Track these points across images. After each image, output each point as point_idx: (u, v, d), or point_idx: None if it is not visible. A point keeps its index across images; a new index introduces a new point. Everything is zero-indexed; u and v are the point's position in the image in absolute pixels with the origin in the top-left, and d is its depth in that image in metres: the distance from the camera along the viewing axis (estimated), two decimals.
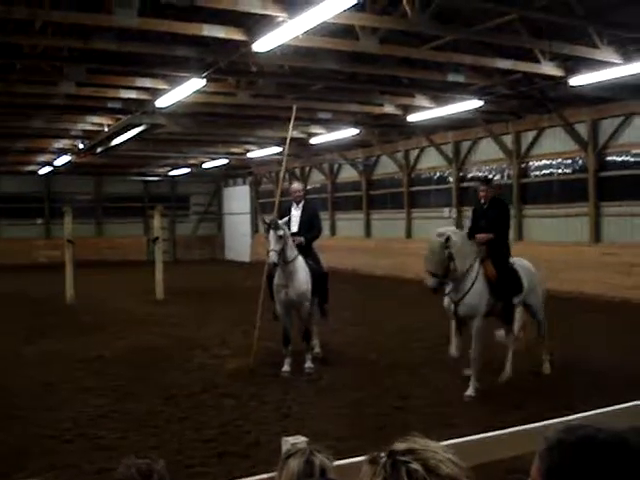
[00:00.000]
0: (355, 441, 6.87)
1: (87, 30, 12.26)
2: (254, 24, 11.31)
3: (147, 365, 11.01)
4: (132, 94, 16.72)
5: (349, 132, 22.36)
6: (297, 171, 33.99)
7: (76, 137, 24.45)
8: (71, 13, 11.00)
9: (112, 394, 9.31)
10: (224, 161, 32.35)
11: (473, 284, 8.86)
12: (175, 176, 38.14)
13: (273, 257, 9.90)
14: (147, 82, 15.56)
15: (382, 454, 1.63)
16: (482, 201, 9.64)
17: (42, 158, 30.57)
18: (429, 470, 1.55)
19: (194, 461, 6.63)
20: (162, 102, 16.26)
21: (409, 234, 26.21)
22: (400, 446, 1.62)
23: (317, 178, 32.89)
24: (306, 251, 10.69)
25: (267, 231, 10.19)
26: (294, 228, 10.75)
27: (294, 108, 11.38)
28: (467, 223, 10.80)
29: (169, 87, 15.23)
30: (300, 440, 2.79)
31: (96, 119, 21.00)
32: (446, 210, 24.34)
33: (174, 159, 32.95)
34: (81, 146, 25.46)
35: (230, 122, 22.21)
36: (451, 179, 24.31)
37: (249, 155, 29.59)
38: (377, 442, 5.66)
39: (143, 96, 16.72)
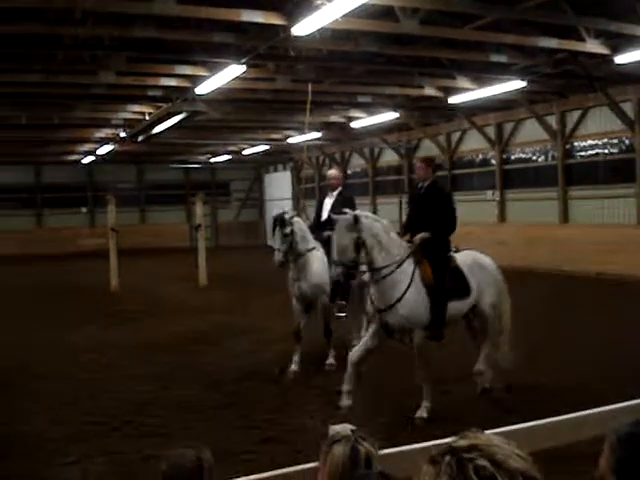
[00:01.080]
0: (402, 429, 6.81)
1: (127, 18, 12.31)
2: (293, 8, 11.22)
3: (191, 352, 11.07)
4: (172, 82, 16.78)
5: (389, 115, 22.16)
6: (337, 156, 33.87)
7: (118, 126, 24.66)
8: (110, 1, 11.05)
9: (157, 381, 9.37)
10: (264, 147, 32.37)
11: (407, 290, 7.42)
12: (215, 163, 38.28)
13: (277, 257, 9.33)
14: (187, 69, 15.59)
15: (442, 452, 1.55)
16: (419, 185, 8.21)
17: (85, 147, 30.92)
18: (497, 465, 1.46)
19: (239, 447, 6.61)
20: (202, 89, 16.28)
21: None
22: (462, 443, 1.53)
23: (357, 162, 32.74)
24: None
25: (273, 228, 9.52)
26: (324, 216, 10.05)
27: (309, 88, 11.11)
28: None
29: (209, 74, 15.23)
30: (346, 427, 2.73)
31: (137, 108, 21.15)
32: (489, 193, 24.07)
33: (214, 146, 33.08)
34: (123, 135, 25.64)
35: (270, 108, 22.18)
36: (494, 161, 23.99)
37: (289, 141, 29.55)
38: (424, 430, 5.62)
39: (183, 83, 16.78)
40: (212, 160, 37.29)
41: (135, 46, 13.78)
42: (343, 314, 9.72)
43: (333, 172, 10.82)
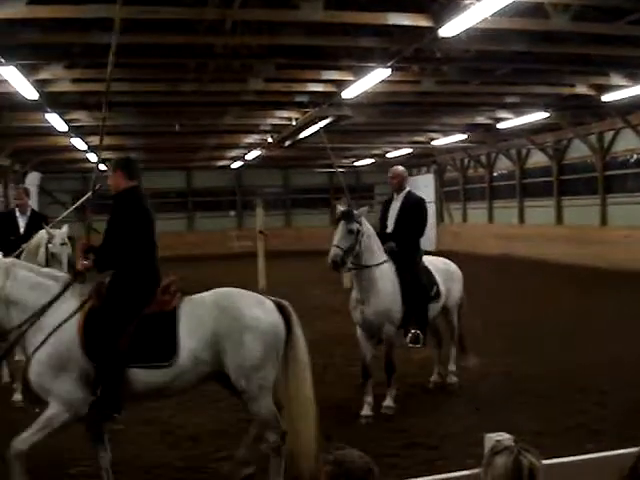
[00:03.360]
0: (553, 438, 6.59)
1: (275, 26, 12.61)
2: (440, 9, 11.13)
3: (337, 353, 11.15)
4: (319, 87, 17.02)
5: (538, 115, 21.54)
6: (483, 158, 33.27)
7: (265, 132, 25.30)
8: (259, 10, 11.36)
9: None
10: (408, 150, 32.26)
11: (40, 346, 5.37)
12: (360, 166, 38.50)
13: (333, 255, 7.72)
14: (333, 74, 15.79)
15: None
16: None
17: (234, 153, 31.92)
18: None
19: (384, 451, 6.58)
20: (348, 93, 16.44)
21: (604, 221, 24.89)
22: None
23: (504, 164, 32.01)
24: (405, 261, 8.24)
25: (336, 222, 8.02)
26: (390, 225, 8.69)
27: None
28: None
29: (355, 78, 15.35)
30: (504, 437, 2.65)
31: (284, 113, 21.60)
32: None
33: (358, 150, 33.27)
34: (270, 140, 26.30)
35: (414, 110, 22.07)
36: None
37: (433, 143, 29.32)
38: (577, 440, 5.40)
39: (329, 88, 16.98)
40: (356, 164, 37.53)
41: (283, 53, 14.10)
42: (418, 345, 8.19)
43: (395, 169, 8.92)
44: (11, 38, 11.74)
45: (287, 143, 25.81)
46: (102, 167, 8.00)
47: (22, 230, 9.28)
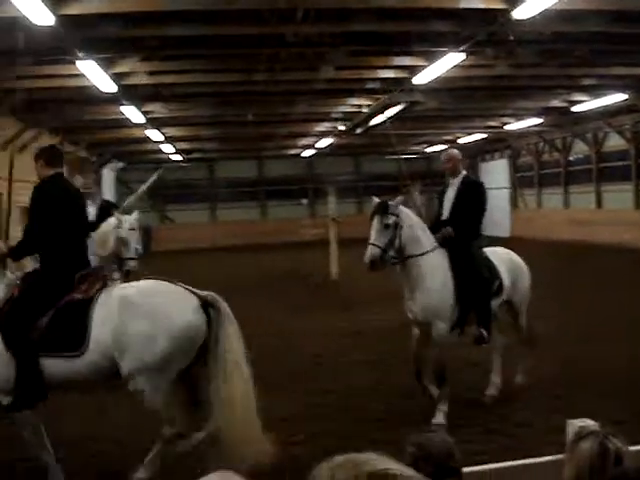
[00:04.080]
0: (635, 426, 6.46)
1: (346, 13, 12.58)
2: None
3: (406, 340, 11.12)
4: (390, 73, 16.96)
5: (616, 97, 20.98)
6: (558, 142, 32.58)
7: (337, 119, 25.31)
8: None
9: (375, 368, 9.53)
10: (481, 135, 31.83)
11: None
12: (431, 153, 38.20)
13: (370, 254, 7.05)
14: (405, 60, 15.69)
15: None
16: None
17: (305, 141, 32.04)
18: None
19: (461, 437, 6.55)
20: (420, 79, 16.31)
21: None
22: None
23: (580, 148, 31.28)
24: (462, 250, 7.50)
25: (371, 217, 7.26)
26: (445, 213, 7.93)
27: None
28: None
29: (427, 63, 15.22)
30: (588, 423, 2.63)
31: (355, 100, 21.57)
32: None
33: (430, 136, 32.99)
34: (341, 128, 26.30)
35: (487, 95, 21.74)
36: None
37: (506, 128, 28.85)
38: None
39: (401, 74, 16.89)
40: (428, 150, 37.24)
41: (354, 40, 14.06)
42: (483, 344, 7.75)
43: (449, 153, 8.29)
44: (89, 33, 12.03)
45: (358, 130, 25.79)
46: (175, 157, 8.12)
47: (92, 218, 9.47)
